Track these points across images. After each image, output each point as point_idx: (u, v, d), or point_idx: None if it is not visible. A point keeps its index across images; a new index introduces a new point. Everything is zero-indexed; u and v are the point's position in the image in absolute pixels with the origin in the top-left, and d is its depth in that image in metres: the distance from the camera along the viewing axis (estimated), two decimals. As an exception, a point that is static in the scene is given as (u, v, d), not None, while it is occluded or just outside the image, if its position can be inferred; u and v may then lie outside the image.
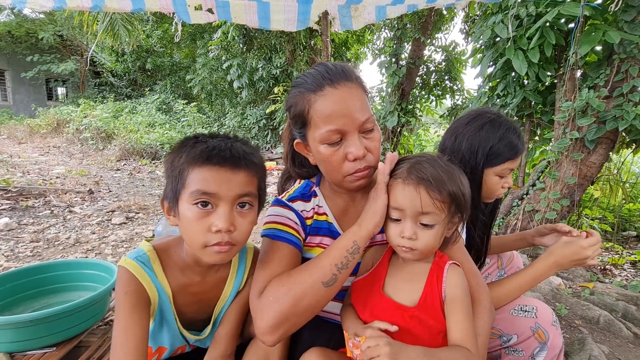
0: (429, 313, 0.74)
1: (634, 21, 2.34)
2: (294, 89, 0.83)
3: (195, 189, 0.70)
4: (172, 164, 0.74)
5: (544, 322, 0.90)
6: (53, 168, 6.05)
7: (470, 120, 1.02)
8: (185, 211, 0.72)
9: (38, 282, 1.57)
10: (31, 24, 12.86)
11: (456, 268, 0.77)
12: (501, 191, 1.04)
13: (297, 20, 2.67)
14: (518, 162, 1.02)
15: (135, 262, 0.77)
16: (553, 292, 2.08)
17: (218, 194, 0.71)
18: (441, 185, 0.71)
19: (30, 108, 12.97)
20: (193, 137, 0.77)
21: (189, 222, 0.72)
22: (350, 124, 0.76)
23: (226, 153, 0.72)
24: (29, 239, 2.83)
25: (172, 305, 0.82)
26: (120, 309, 0.75)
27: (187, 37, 10.67)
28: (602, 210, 3.48)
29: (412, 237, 0.73)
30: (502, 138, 0.98)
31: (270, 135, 8.79)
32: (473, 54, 3.67)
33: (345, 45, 9.32)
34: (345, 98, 0.76)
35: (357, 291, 0.83)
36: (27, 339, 1.21)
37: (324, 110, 0.76)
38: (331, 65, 0.80)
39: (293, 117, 0.83)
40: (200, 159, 0.71)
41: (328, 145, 0.78)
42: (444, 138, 1.08)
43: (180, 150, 0.75)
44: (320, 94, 0.77)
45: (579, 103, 2.45)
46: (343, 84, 0.77)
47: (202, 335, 0.90)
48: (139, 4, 2.27)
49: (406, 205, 0.72)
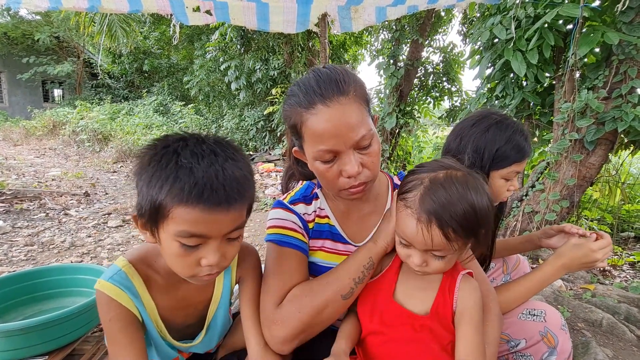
0: (440, 323, 0.72)
1: (633, 22, 2.34)
2: (288, 100, 0.79)
3: (181, 229, 0.62)
4: (147, 187, 0.63)
5: (553, 326, 0.88)
6: (49, 170, 5.99)
7: (476, 122, 1.00)
8: (168, 243, 0.65)
9: (31, 287, 1.54)
10: (27, 26, 12.80)
11: (469, 279, 0.75)
12: (507, 194, 1.02)
13: (297, 22, 2.66)
14: (524, 164, 1.00)
15: (111, 283, 0.72)
16: (555, 294, 2.06)
17: (209, 234, 0.64)
18: (457, 222, 0.63)
19: (26, 110, 12.88)
20: (170, 153, 0.62)
21: (175, 256, 0.66)
22: (342, 144, 0.72)
23: (220, 192, 0.61)
24: (24, 242, 2.79)
25: (152, 321, 0.78)
26: (109, 337, 0.72)
27: (185, 38, 10.65)
28: (601, 212, 3.48)
29: (422, 264, 0.70)
30: (509, 140, 0.96)
31: (268, 136, 8.77)
32: (471, 55, 3.67)
33: (343, 47, 9.34)
34: (338, 117, 0.71)
35: (364, 294, 0.81)
36: (17, 347, 1.17)
37: (315, 130, 0.72)
38: (324, 76, 0.74)
39: (289, 127, 0.80)
40: (189, 200, 0.60)
41: (321, 162, 0.76)
42: (448, 140, 1.06)
43: (155, 170, 0.62)
44: (311, 112, 0.72)
45: (578, 104, 2.44)
46: (335, 101, 0.71)
47: (195, 342, 0.87)
48: (136, 5, 2.25)
49: (416, 242, 0.68)
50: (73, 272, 1.62)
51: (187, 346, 0.87)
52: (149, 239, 0.69)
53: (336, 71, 0.75)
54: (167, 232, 0.64)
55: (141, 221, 0.68)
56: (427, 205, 0.65)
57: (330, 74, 0.74)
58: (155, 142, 0.67)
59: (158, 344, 0.82)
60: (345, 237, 0.90)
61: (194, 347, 0.88)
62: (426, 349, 0.71)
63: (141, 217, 0.67)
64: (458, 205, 0.64)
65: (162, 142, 0.66)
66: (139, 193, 0.66)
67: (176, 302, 0.81)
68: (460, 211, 0.63)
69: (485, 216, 0.67)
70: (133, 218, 0.70)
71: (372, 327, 0.76)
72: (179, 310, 0.83)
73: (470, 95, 6.20)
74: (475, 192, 0.66)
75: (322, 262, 0.88)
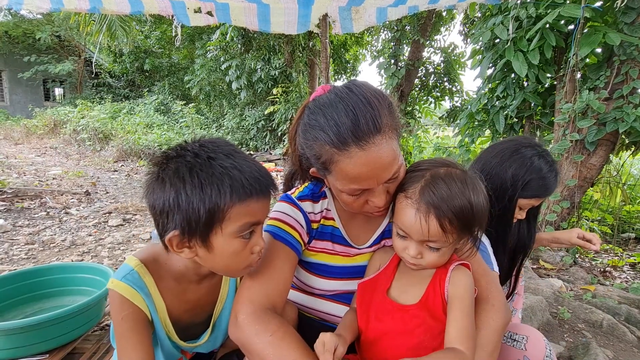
0: (429, 311, 0.72)
1: (634, 23, 2.34)
2: (312, 131, 0.70)
3: (243, 223, 0.67)
4: (198, 198, 0.63)
5: (535, 357, 0.80)
6: (49, 169, 6.00)
7: (520, 148, 1.03)
8: (225, 245, 0.68)
9: (32, 286, 1.54)
10: (28, 25, 12.81)
11: (461, 268, 0.76)
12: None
13: (298, 23, 2.66)
14: (542, 201, 1.05)
15: (124, 283, 0.73)
16: (555, 295, 2.06)
17: (260, 220, 0.71)
18: (454, 214, 0.66)
19: (27, 109, 12.89)
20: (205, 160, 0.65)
21: (234, 254, 0.69)
22: (375, 183, 0.70)
23: (262, 181, 0.69)
24: (24, 241, 2.79)
25: (161, 321, 0.79)
26: (119, 335, 0.73)
27: (186, 38, 10.65)
28: (602, 212, 3.48)
29: (417, 256, 0.72)
30: (543, 176, 0.99)
31: (269, 136, 8.77)
32: (472, 55, 3.67)
33: (344, 47, 9.34)
34: (374, 160, 0.66)
35: (362, 293, 0.82)
36: (18, 346, 1.18)
37: (348, 173, 0.68)
38: (357, 109, 0.65)
39: (311, 157, 0.74)
40: (247, 194, 0.66)
41: (348, 194, 0.74)
42: (485, 156, 1.09)
43: (201, 180, 0.63)
44: (345, 154, 0.66)
45: (579, 105, 2.44)
46: (372, 142, 0.65)
47: (200, 342, 0.87)
48: (137, 6, 2.26)
49: (413, 232, 0.70)
50: (73, 270, 1.62)
51: (193, 346, 0.87)
52: (187, 255, 0.69)
53: (368, 100, 0.67)
54: (224, 235, 0.67)
55: (185, 239, 0.67)
56: (426, 197, 0.68)
57: (363, 108, 0.66)
58: (176, 156, 0.67)
59: (164, 344, 0.82)
60: (347, 240, 0.90)
61: (199, 347, 0.89)
62: (419, 340, 0.71)
63: (190, 233, 0.66)
64: (456, 199, 0.66)
65: (188, 155, 0.66)
66: (181, 210, 0.64)
67: (185, 302, 0.82)
68: (458, 205, 0.66)
69: (481, 213, 0.70)
70: (169, 241, 0.67)
71: (368, 325, 0.77)
72: (187, 310, 0.83)
73: (471, 95, 6.19)
74: (473, 189, 0.69)
75: (324, 263, 0.88)
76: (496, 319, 0.77)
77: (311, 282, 0.89)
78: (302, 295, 0.94)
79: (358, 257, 0.89)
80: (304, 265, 0.90)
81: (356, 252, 0.90)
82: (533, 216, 1.13)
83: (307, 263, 0.89)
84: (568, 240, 1.23)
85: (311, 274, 0.89)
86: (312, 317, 0.94)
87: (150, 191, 0.67)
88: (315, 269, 0.88)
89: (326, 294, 0.90)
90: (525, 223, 1.11)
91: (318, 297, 0.91)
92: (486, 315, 0.76)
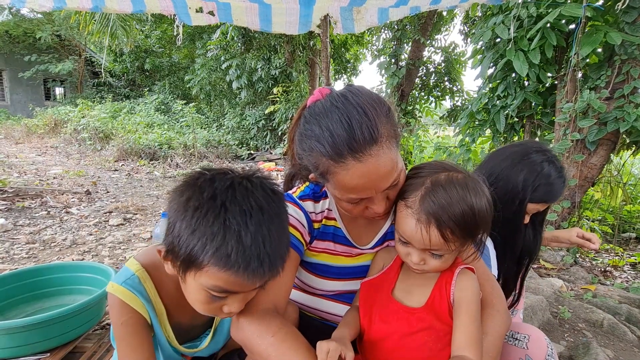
0: (435, 315, 0.72)
1: (635, 22, 2.33)
2: (307, 141, 0.68)
3: (214, 284, 0.62)
4: (188, 237, 0.60)
5: (536, 356, 0.80)
6: (50, 168, 6.01)
7: (531, 153, 1.02)
8: (194, 289, 0.65)
9: (33, 285, 1.54)
10: (29, 24, 12.80)
11: (467, 272, 0.75)
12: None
13: (299, 23, 2.66)
14: (546, 207, 1.04)
15: (124, 287, 0.72)
16: (555, 294, 2.06)
17: (241, 291, 0.65)
18: (455, 223, 0.64)
19: (28, 108, 12.90)
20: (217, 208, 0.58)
21: (198, 301, 0.67)
22: (374, 192, 0.69)
23: (265, 262, 0.60)
24: (25, 240, 2.80)
25: (161, 326, 0.79)
26: (119, 339, 0.72)
27: (186, 37, 10.65)
28: (602, 212, 3.48)
29: (420, 262, 0.71)
30: (551, 182, 0.99)
31: (269, 136, 8.77)
32: (473, 55, 3.66)
33: (345, 46, 9.34)
34: (371, 171, 0.65)
35: (365, 292, 0.81)
36: (19, 345, 1.18)
37: (345, 184, 0.67)
38: (353, 120, 0.63)
39: (310, 164, 0.73)
40: (233, 267, 0.59)
41: (347, 202, 0.74)
42: (494, 159, 1.07)
43: (199, 223, 0.59)
44: (341, 166, 0.65)
45: (580, 104, 2.44)
46: (368, 154, 0.63)
47: (202, 346, 0.87)
48: (139, 5, 2.26)
49: (414, 241, 0.69)
50: (74, 270, 1.62)
51: (194, 351, 0.87)
52: (170, 269, 0.68)
53: (364, 109, 0.64)
54: (196, 281, 0.63)
55: (169, 257, 0.66)
56: (426, 206, 0.66)
57: (359, 118, 0.63)
58: (199, 182, 0.62)
59: (164, 349, 0.82)
60: (349, 240, 0.89)
61: (200, 352, 0.88)
62: (423, 342, 0.71)
63: (173, 257, 0.64)
64: (457, 207, 0.65)
65: (209, 189, 0.60)
66: (173, 234, 0.62)
67: (185, 307, 0.80)
68: (459, 213, 0.64)
69: (484, 218, 0.68)
70: (158, 250, 0.67)
71: (371, 325, 0.77)
72: (187, 315, 0.83)
73: (471, 95, 6.19)
74: (474, 194, 0.67)
75: (326, 263, 0.88)
76: (501, 324, 0.77)
77: (313, 282, 0.89)
78: (304, 294, 0.93)
79: (360, 257, 0.89)
80: (305, 266, 0.89)
81: (358, 252, 0.89)
82: (539, 222, 1.13)
83: (309, 264, 0.89)
84: (568, 239, 1.23)
85: (313, 275, 0.88)
86: (314, 317, 0.94)
87: (171, 197, 0.65)
88: (317, 269, 0.88)
89: (328, 294, 0.90)
90: (531, 228, 1.10)
91: (319, 297, 0.91)
92: (492, 320, 0.76)
